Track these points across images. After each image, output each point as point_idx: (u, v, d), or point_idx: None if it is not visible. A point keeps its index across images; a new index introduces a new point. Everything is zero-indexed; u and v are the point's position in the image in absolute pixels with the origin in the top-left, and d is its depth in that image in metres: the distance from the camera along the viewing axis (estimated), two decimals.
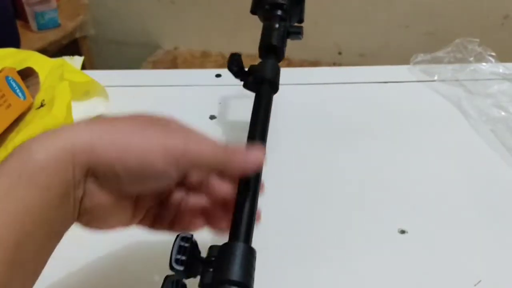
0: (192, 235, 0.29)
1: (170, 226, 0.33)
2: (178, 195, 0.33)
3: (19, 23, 1.32)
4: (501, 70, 0.66)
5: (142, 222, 0.32)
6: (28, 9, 1.37)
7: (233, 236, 0.29)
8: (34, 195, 0.24)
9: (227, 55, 0.46)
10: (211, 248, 0.29)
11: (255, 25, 0.51)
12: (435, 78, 0.67)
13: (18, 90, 0.53)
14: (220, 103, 0.63)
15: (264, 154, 0.31)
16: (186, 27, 1.74)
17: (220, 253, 0.28)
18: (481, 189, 0.50)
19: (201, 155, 0.28)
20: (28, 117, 0.54)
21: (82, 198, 0.27)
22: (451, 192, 0.50)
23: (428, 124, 0.59)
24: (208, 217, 0.33)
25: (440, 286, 0.40)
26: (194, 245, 0.29)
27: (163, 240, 0.32)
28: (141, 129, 0.27)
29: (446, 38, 0.70)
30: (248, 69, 0.45)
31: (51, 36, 1.39)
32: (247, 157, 0.30)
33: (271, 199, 0.48)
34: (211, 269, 0.28)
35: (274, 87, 0.44)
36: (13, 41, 1.25)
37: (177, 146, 0.27)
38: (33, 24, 1.39)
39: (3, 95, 0.51)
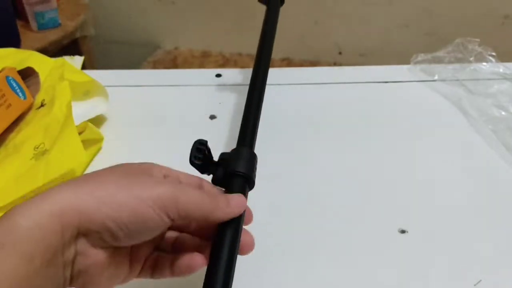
0: (206, 141, 0.33)
1: (170, 271, 0.32)
2: (171, 235, 0.33)
3: (19, 23, 1.32)
4: (501, 70, 0.66)
5: (141, 273, 0.31)
6: (28, 9, 1.36)
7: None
8: (17, 264, 0.23)
9: (227, 55, 0.46)
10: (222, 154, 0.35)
11: (255, 25, 0.51)
12: (435, 78, 0.67)
13: (18, 90, 0.53)
14: (220, 103, 0.63)
15: (245, 200, 0.32)
16: (186, 27, 1.74)
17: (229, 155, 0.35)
18: (481, 189, 0.50)
19: (188, 204, 0.28)
20: (28, 117, 0.54)
21: (74, 259, 0.26)
22: (451, 192, 0.50)
23: (428, 124, 0.59)
24: (205, 254, 0.31)
25: (440, 286, 0.40)
26: (208, 149, 0.34)
27: None
28: (127, 183, 0.27)
29: (446, 38, 0.70)
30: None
31: (51, 36, 1.39)
32: (229, 205, 0.30)
33: (271, 199, 0.48)
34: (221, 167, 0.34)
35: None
36: (13, 41, 1.25)
37: (166, 195, 0.27)
38: (33, 24, 1.39)
39: (4, 95, 0.51)
